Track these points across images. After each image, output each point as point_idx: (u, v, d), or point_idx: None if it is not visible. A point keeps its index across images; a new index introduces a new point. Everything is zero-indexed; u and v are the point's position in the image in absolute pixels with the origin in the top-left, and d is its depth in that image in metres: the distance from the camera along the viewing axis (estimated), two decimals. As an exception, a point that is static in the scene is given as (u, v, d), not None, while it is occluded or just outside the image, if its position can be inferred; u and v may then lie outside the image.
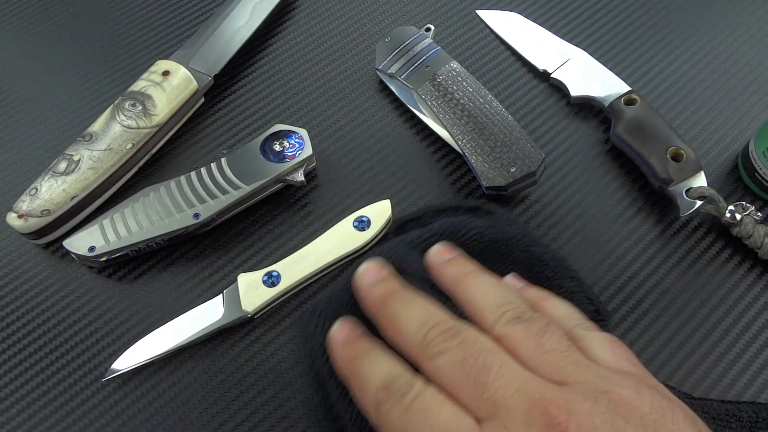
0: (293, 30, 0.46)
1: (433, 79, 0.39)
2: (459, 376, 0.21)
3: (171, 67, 0.40)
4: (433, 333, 0.23)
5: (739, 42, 0.45)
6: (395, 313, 0.24)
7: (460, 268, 0.27)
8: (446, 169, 0.40)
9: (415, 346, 0.23)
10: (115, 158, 0.37)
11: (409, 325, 0.24)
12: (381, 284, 0.26)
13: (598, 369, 0.21)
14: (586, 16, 0.46)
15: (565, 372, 0.21)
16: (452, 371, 0.21)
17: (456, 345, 0.22)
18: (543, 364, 0.21)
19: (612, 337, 0.24)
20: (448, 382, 0.22)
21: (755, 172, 0.37)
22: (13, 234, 0.38)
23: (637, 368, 0.23)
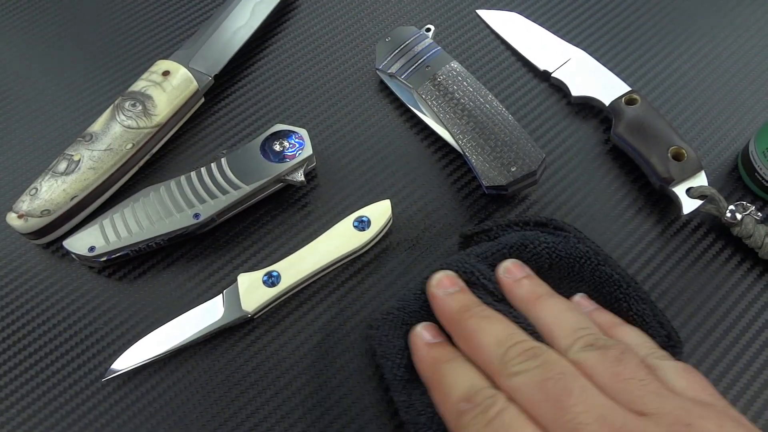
0: (293, 30, 0.46)
1: (433, 79, 0.39)
2: (538, 397, 0.21)
3: (171, 67, 0.40)
4: (513, 352, 0.23)
5: (739, 42, 0.45)
6: (474, 328, 0.24)
7: (532, 289, 0.27)
8: (447, 169, 0.40)
9: (494, 362, 0.23)
10: (116, 158, 0.37)
11: (488, 341, 0.24)
12: (457, 296, 0.26)
13: (678, 400, 0.21)
14: (586, 16, 0.46)
15: (645, 402, 0.21)
16: (531, 392, 0.21)
17: (536, 366, 0.22)
18: (621, 392, 0.21)
19: (687, 366, 0.23)
20: (527, 402, 0.21)
21: (755, 172, 0.37)
22: (13, 234, 0.38)
23: (716, 399, 0.22)
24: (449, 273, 0.28)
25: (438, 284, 0.27)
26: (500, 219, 0.34)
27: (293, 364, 0.34)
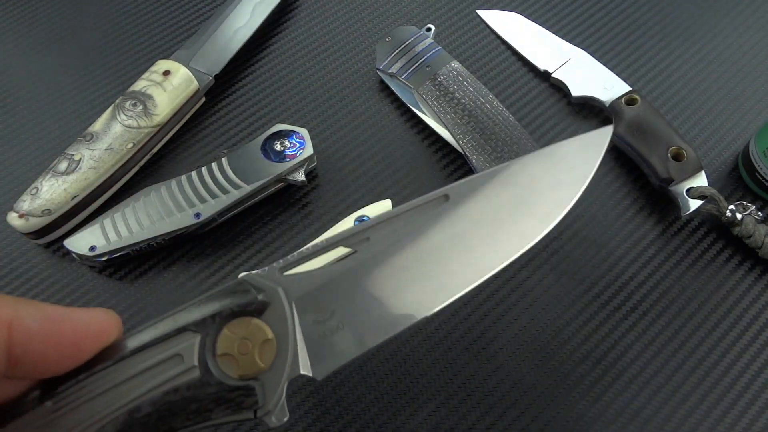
0: (294, 30, 0.46)
1: (433, 79, 0.39)
2: None
3: (172, 66, 0.40)
4: None
5: (740, 42, 0.45)
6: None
7: None
8: (447, 169, 0.40)
9: None
10: (116, 158, 0.37)
11: None
12: None
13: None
14: (587, 16, 0.46)
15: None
16: None
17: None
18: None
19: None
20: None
21: (755, 171, 0.37)
22: (13, 234, 0.38)
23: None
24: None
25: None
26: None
27: (294, 363, 0.34)
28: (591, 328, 0.34)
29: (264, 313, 0.19)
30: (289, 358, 0.19)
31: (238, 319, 0.19)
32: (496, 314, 0.35)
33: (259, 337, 0.19)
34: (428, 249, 0.21)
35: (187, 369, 0.18)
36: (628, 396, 0.33)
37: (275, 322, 0.19)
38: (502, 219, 0.22)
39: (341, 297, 0.20)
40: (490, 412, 0.32)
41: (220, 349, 0.18)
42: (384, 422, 0.32)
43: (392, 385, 0.33)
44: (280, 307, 0.19)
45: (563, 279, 0.36)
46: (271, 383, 0.19)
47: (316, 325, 0.20)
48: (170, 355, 0.18)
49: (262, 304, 0.19)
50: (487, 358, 0.34)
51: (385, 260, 0.21)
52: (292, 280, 0.20)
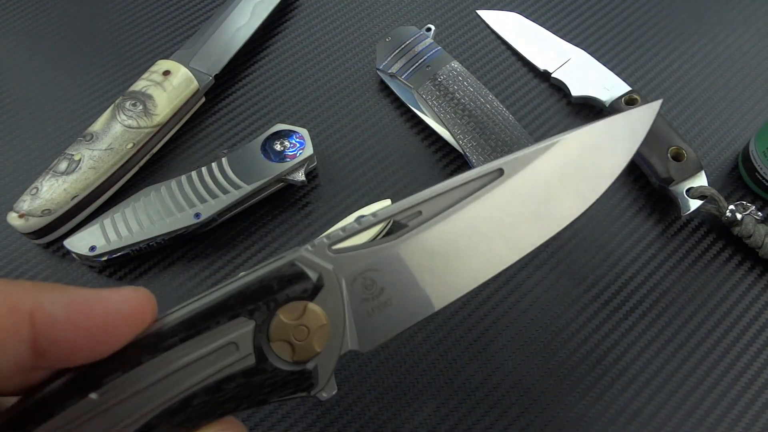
0: (294, 30, 0.46)
1: (433, 79, 0.39)
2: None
3: (172, 66, 0.40)
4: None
5: (739, 42, 0.45)
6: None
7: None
8: (447, 169, 0.40)
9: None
10: (116, 158, 0.37)
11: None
12: None
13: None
14: (587, 16, 0.46)
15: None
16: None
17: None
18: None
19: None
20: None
21: (755, 172, 0.37)
22: (13, 234, 0.38)
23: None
24: None
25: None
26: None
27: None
28: (591, 328, 0.34)
29: (318, 294, 0.19)
30: (341, 337, 0.19)
31: (291, 303, 0.18)
32: (496, 314, 0.35)
33: (315, 322, 0.18)
34: (479, 224, 0.21)
35: (243, 357, 0.18)
36: (629, 396, 0.33)
37: (329, 304, 0.19)
38: (550, 194, 0.22)
39: (391, 273, 0.20)
40: (490, 412, 0.32)
41: (274, 335, 0.18)
42: (384, 422, 0.32)
43: (392, 385, 0.33)
44: (333, 287, 0.19)
45: (563, 279, 0.36)
46: (325, 363, 0.19)
47: (366, 301, 0.20)
48: (225, 343, 0.18)
49: (317, 286, 0.19)
50: (487, 358, 0.34)
51: (437, 235, 0.21)
52: (343, 257, 0.19)
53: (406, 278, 0.20)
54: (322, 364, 0.19)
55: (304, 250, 0.19)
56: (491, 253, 0.21)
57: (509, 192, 0.22)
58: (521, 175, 0.22)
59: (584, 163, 0.23)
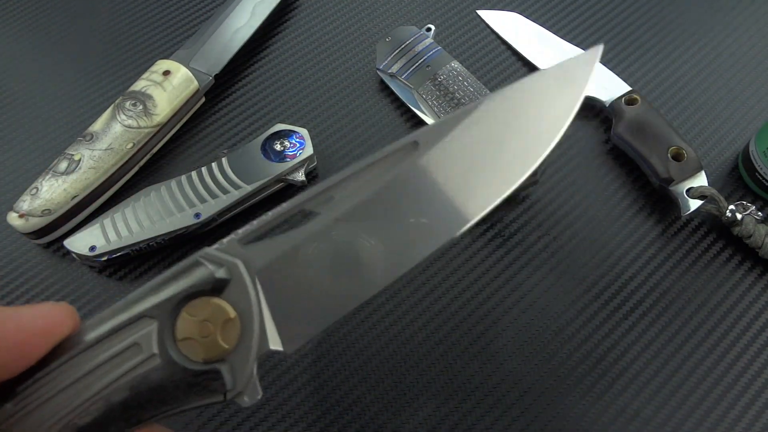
0: (294, 30, 0.46)
1: (434, 79, 0.39)
2: None
3: (172, 66, 0.40)
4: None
5: (739, 42, 0.45)
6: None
7: None
8: (447, 169, 0.40)
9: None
10: (116, 158, 0.37)
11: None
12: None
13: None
14: (587, 16, 0.46)
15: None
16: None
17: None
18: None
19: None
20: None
21: (755, 171, 0.37)
22: (13, 234, 0.38)
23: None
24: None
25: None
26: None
27: (293, 363, 0.34)
28: (591, 329, 0.34)
29: (224, 290, 0.18)
30: (255, 335, 0.18)
31: (196, 299, 0.18)
32: (496, 314, 0.35)
33: (221, 317, 0.18)
34: (397, 203, 0.19)
35: (147, 357, 0.17)
36: (628, 396, 0.33)
37: (237, 298, 0.18)
38: (477, 164, 0.20)
39: (307, 262, 0.19)
40: (490, 412, 0.32)
41: (180, 333, 0.17)
42: (384, 422, 0.32)
43: (392, 385, 0.33)
44: (241, 282, 0.18)
45: (563, 279, 0.36)
46: (239, 363, 0.18)
47: (282, 295, 0.18)
48: (128, 345, 0.17)
49: (221, 281, 0.18)
50: (487, 358, 0.34)
51: (352, 220, 0.19)
52: (254, 250, 0.18)
53: (323, 266, 0.19)
54: (237, 365, 0.18)
55: (211, 247, 0.19)
56: (420, 231, 0.19)
57: (427, 165, 0.20)
58: (439, 146, 0.20)
59: (514, 124, 0.20)
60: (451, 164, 0.20)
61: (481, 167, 0.20)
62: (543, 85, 0.21)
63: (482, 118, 0.20)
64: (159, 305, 0.18)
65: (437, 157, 0.20)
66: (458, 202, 0.20)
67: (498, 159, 0.20)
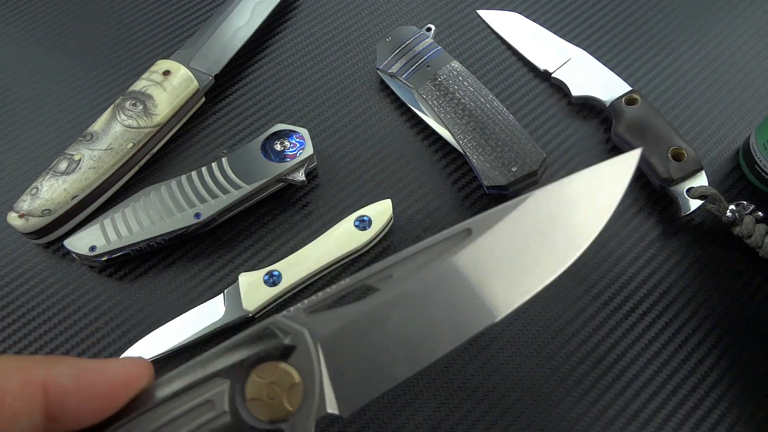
0: (294, 30, 0.46)
1: (434, 79, 0.39)
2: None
3: (172, 66, 0.40)
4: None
5: (739, 42, 0.45)
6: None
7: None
8: (447, 169, 0.40)
9: None
10: (116, 158, 0.37)
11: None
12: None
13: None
14: (587, 17, 0.46)
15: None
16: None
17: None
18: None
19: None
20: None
21: (755, 164, 0.37)
22: (13, 234, 0.38)
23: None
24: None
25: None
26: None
27: (294, 363, 0.34)
28: (591, 329, 0.34)
29: (291, 356, 0.20)
30: (316, 399, 0.19)
31: (265, 363, 0.19)
32: (496, 314, 0.35)
33: (287, 381, 0.19)
34: (450, 284, 0.21)
35: (219, 415, 0.19)
36: (629, 396, 0.33)
37: (302, 364, 0.20)
38: (524, 253, 0.22)
39: (366, 335, 0.20)
40: (490, 412, 0.32)
41: (249, 394, 0.19)
42: (384, 422, 0.32)
43: (392, 385, 0.33)
44: (305, 349, 0.20)
45: (563, 279, 0.36)
46: (300, 424, 0.19)
47: (342, 364, 0.20)
48: (201, 402, 0.19)
49: (288, 347, 0.20)
50: (487, 358, 0.34)
51: (409, 297, 0.21)
52: (318, 320, 0.20)
53: (381, 340, 0.20)
54: (298, 425, 0.19)
55: (280, 315, 0.20)
56: (468, 312, 0.21)
57: (479, 251, 0.22)
58: (491, 235, 0.22)
59: (559, 219, 0.22)
60: (501, 250, 0.22)
61: (528, 256, 0.22)
62: (588, 182, 0.23)
63: (531, 210, 0.22)
64: (232, 366, 0.19)
65: (489, 243, 0.22)
66: (504, 288, 0.21)
67: (541, 251, 0.22)
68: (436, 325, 0.21)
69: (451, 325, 0.21)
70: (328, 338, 0.20)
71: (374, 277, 0.21)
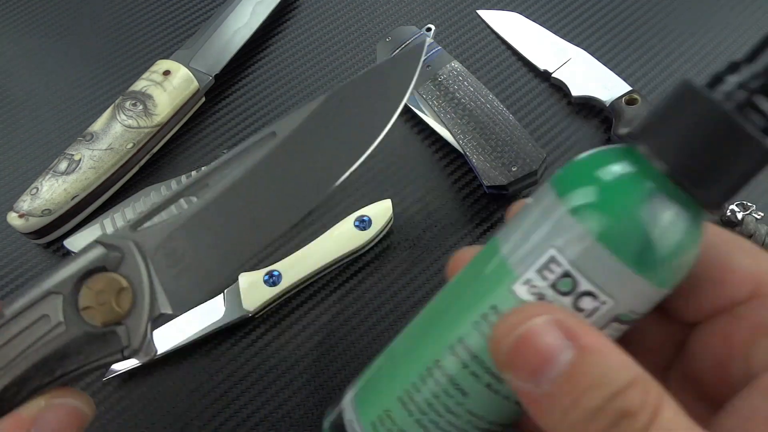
0: (293, 30, 0.46)
1: (434, 79, 0.39)
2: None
3: (172, 66, 0.40)
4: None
5: (739, 42, 0.45)
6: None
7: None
8: (447, 169, 0.40)
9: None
10: (116, 158, 0.37)
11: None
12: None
13: None
14: (587, 17, 0.46)
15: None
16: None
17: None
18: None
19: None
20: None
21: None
22: (13, 234, 0.38)
23: None
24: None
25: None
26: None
27: (294, 363, 0.34)
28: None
29: (120, 266, 0.22)
30: (147, 301, 0.22)
31: (95, 275, 0.22)
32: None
33: (115, 287, 0.22)
34: (261, 182, 0.24)
35: (55, 326, 0.21)
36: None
37: (130, 272, 0.22)
38: (325, 147, 0.25)
39: (190, 240, 0.23)
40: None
41: (82, 303, 0.21)
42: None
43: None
44: (132, 258, 0.22)
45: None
46: (134, 325, 0.22)
47: (171, 267, 0.23)
48: (38, 317, 0.21)
49: (116, 258, 0.22)
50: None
51: (225, 199, 0.24)
52: (143, 233, 0.23)
53: (204, 243, 0.23)
54: (132, 326, 0.22)
55: (110, 233, 0.24)
56: (280, 206, 0.24)
57: (284, 151, 0.24)
58: (293, 135, 0.25)
59: (357, 115, 0.25)
60: (303, 150, 0.25)
61: (329, 149, 0.25)
62: (375, 79, 0.26)
63: (329, 108, 0.25)
64: (63, 282, 0.21)
65: (292, 144, 0.25)
66: (311, 179, 0.25)
67: (341, 144, 0.25)
68: (251, 223, 0.24)
69: (266, 220, 0.24)
70: (155, 246, 0.23)
71: (192, 188, 0.24)
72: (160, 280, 0.23)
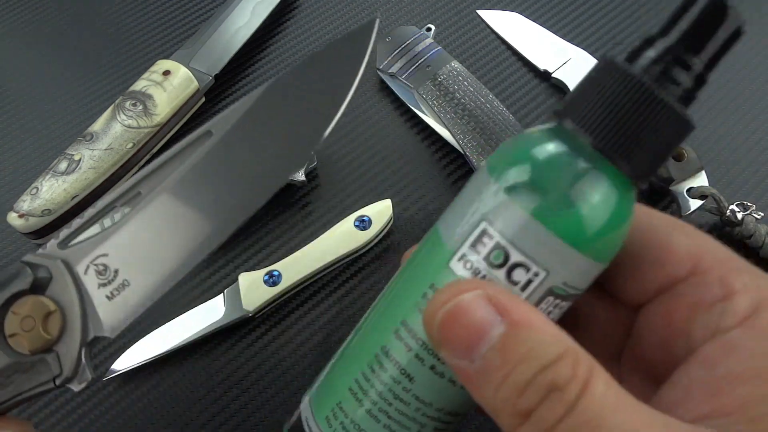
0: (293, 30, 0.46)
1: (434, 79, 0.39)
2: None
3: (172, 66, 0.40)
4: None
5: (739, 41, 0.45)
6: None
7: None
8: (447, 169, 0.40)
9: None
10: (116, 158, 0.37)
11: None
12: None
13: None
14: (587, 17, 0.46)
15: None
16: None
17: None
18: None
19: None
20: None
21: (756, 171, 0.37)
22: (13, 234, 0.38)
23: None
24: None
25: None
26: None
27: (294, 363, 0.34)
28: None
29: (47, 288, 0.20)
30: (78, 324, 0.20)
31: (21, 299, 0.20)
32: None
33: (42, 311, 0.20)
34: (196, 188, 0.22)
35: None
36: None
37: (58, 294, 0.20)
38: (265, 144, 0.23)
39: (121, 255, 0.21)
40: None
41: (8, 330, 0.20)
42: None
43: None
44: (61, 279, 0.20)
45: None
46: (67, 351, 0.20)
47: (104, 286, 0.21)
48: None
49: (42, 280, 0.20)
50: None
51: (158, 208, 0.22)
52: (73, 250, 0.21)
53: (137, 257, 0.21)
54: (64, 353, 0.20)
55: (33, 253, 0.21)
56: (222, 209, 0.22)
57: (220, 151, 0.22)
58: (230, 134, 0.23)
59: (299, 109, 0.23)
60: (241, 149, 0.23)
61: (271, 144, 0.23)
62: (326, 61, 0.24)
63: (266, 103, 0.23)
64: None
65: (229, 144, 0.23)
66: (250, 182, 0.23)
67: (285, 139, 0.23)
68: (187, 234, 0.22)
69: (204, 228, 0.22)
70: (86, 264, 0.21)
71: (122, 198, 0.22)
72: (92, 301, 0.21)
